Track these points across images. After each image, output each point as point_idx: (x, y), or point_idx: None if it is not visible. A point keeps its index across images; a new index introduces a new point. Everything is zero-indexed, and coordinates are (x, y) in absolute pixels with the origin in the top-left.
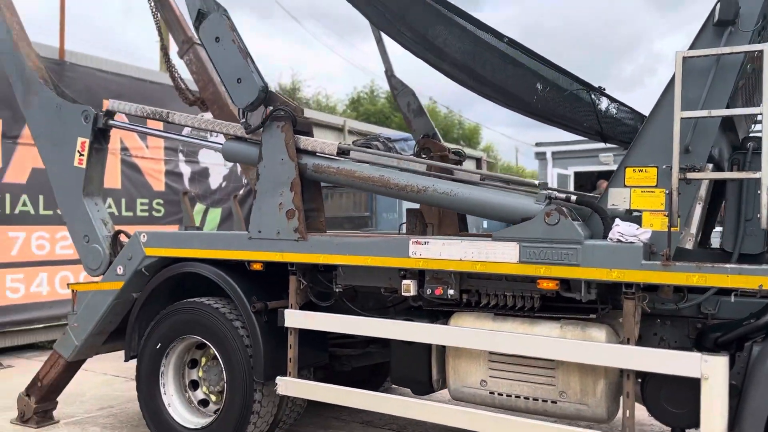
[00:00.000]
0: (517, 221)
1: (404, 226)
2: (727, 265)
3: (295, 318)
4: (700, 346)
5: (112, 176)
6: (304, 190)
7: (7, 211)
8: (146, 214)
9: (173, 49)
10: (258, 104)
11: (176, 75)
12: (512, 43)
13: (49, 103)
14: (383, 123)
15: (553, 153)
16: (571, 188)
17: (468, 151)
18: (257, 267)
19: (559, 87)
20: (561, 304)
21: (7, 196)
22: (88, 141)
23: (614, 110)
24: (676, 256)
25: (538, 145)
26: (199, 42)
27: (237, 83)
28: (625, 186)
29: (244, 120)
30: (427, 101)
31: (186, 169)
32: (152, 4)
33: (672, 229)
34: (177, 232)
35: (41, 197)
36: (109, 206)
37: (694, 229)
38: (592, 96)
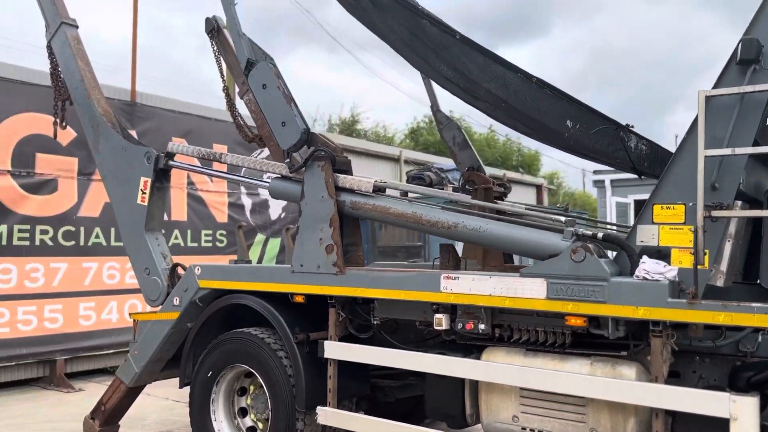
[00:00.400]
0: (545, 257)
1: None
2: (754, 304)
3: (334, 349)
4: (734, 386)
5: (179, 209)
6: (343, 225)
7: (82, 243)
8: (210, 244)
9: (235, 89)
10: (300, 145)
11: (237, 114)
12: (540, 82)
13: (116, 145)
14: (442, 153)
15: (612, 181)
16: (632, 217)
17: (527, 178)
18: (299, 299)
19: (587, 124)
20: (593, 340)
21: (82, 229)
22: (149, 180)
23: (644, 147)
24: (706, 293)
25: (596, 173)
26: None
27: (282, 126)
28: (653, 223)
29: (288, 160)
30: (486, 130)
31: (247, 201)
32: (215, 48)
33: (699, 266)
34: (227, 266)
35: (113, 230)
36: (176, 237)
37: (724, 266)
38: (621, 133)
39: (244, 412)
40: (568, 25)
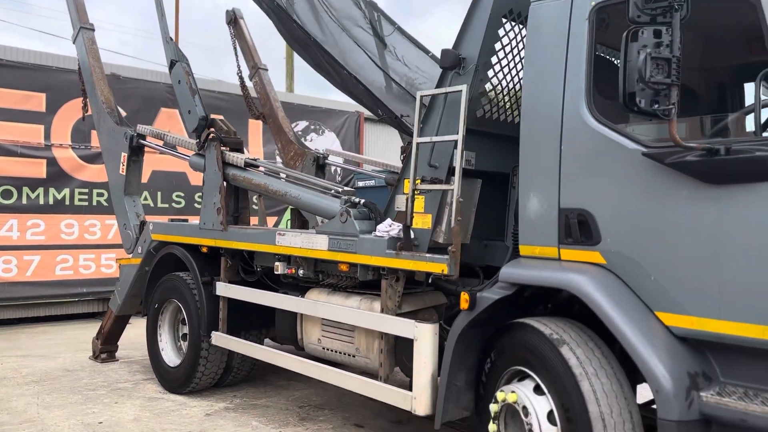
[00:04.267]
0: (331, 218)
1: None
2: (427, 254)
3: (221, 288)
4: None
5: None
6: (237, 193)
7: None
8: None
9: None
10: (201, 128)
11: (247, 94)
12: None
13: (109, 126)
14: None
15: None
16: None
17: None
18: (205, 250)
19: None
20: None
21: None
22: (127, 155)
23: None
24: (431, 248)
25: None
26: (263, 67)
27: (188, 113)
28: (404, 193)
29: (198, 140)
30: None
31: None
32: (232, 33)
33: (425, 227)
34: (167, 223)
35: (159, 193)
36: None
37: (443, 227)
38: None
39: (185, 337)
40: None
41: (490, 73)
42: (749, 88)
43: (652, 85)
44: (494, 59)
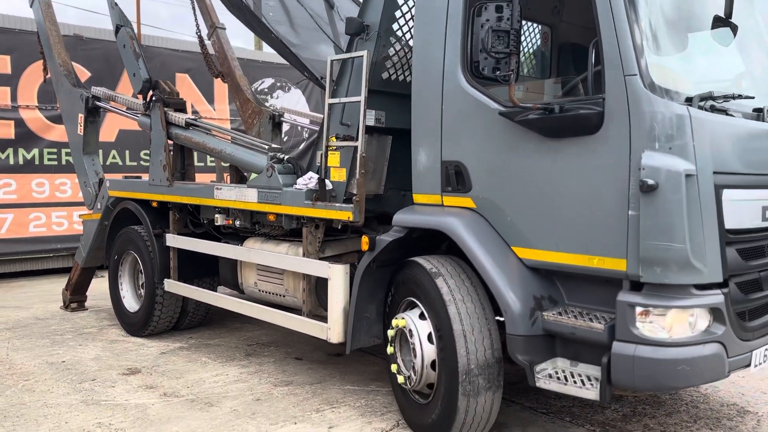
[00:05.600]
0: (260, 173)
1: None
2: (337, 204)
3: (170, 240)
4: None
5: None
6: (183, 150)
7: (101, 162)
8: (214, 165)
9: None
10: (145, 90)
11: (206, 53)
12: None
13: (65, 88)
14: None
15: None
16: None
17: None
18: (155, 204)
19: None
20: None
21: (100, 151)
22: (83, 116)
23: None
24: (347, 199)
25: None
26: (221, 26)
27: (133, 76)
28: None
29: (144, 101)
30: None
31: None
32: None
33: (341, 179)
34: (121, 180)
35: (127, 152)
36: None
37: (355, 179)
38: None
39: (144, 285)
40: None
41: (393, 38)
42: None
43: (494, 54)
44: (395, 26)
